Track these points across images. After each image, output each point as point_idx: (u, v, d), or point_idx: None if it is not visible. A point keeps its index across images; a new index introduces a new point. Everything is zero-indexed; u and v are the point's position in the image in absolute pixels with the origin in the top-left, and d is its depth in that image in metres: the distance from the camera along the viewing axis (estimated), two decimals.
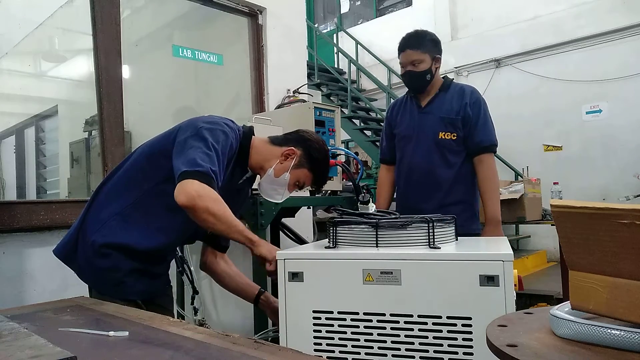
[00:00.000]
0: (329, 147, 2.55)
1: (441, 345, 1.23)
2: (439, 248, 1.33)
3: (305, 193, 2.72)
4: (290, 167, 1.60)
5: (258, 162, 1.62)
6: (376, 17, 9.98)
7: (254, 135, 1.65)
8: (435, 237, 1.35)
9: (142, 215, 1.49)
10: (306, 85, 3.57)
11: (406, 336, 1.26)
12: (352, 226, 1.43)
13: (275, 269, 1.44)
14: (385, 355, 1.28)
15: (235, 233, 1.45)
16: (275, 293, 1.48)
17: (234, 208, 1.71)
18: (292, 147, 1.61)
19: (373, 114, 8.51)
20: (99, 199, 1.55)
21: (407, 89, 2.62)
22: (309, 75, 7.51)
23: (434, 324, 1.24)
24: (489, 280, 1.21)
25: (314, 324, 1.35)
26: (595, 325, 0.66)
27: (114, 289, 1.45)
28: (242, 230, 1.47)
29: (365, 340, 1.30)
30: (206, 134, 1.42)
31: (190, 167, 1.34)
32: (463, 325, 1.22)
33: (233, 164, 1.57)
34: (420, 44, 2.50)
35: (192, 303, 2.63)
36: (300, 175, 1.63)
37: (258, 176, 1.69)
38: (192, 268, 2.62)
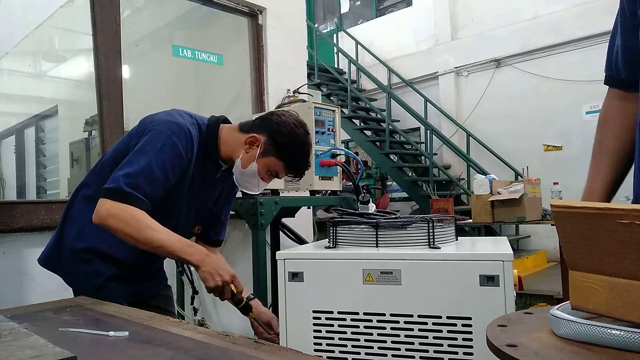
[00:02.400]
0: (329, 147, 2.56)
1: (441, 345, 1.23)
2: (439, 248, 1.33)
3: (305, 193, 2.72)
4: (256, 155, 1.45)
5: (227, 153, 1.51)
6: (376, 17, 9.99)
7: (223, 124, 1.54)
8: (435, 237, 1.35)
9: None
10: (306, 85, 3.57)
11: (406, 336, 1.26)
12: (352, 226, 1.43)
13: (230, 296, 1.36)
14: (385, 355, 1.28)
15: (164, 253, 1.35)
16: (275, 293, 1.47)
17: (219, 205, 1.68)
18: (255, 135, 1.46)
19: (373, 114, 8.52)
20: (76, 204, 1.51)
21: None
22: (309, 75, 7.51)
23: (434, 324, 1.24)
24: (489, 280, 1.21)
25: (314, 324, 1.35)
26: (595, 325, 0.66)
27: (97, 294, 1.39)
28: (174, 251, 1.32)
29: (365, 340, 1.30)
30: (148, 148, 1.34)
31: (112, 183, 1.30)
32: (463, 325, 1.22)
33: (201, 160, 1.48)
34: None
35: (192, 303, 2.63)
36: (270, 164, 1.47)
37: None
38: (192, 268, 2.61)
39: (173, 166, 1.37)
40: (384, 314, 1.28)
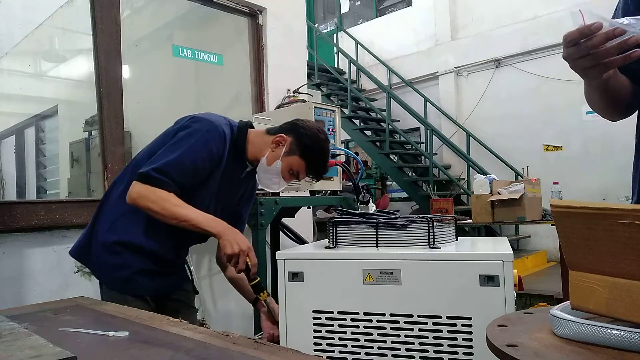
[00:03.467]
0: (329, 147, 2.56)
1: (441, 345, 1.23)
2: (439, 248, 1.33)
3: (305, 193, 2.72)
4: (281, 154, 1.59)
5: (253, 154, 1.63)
6: (376, 17, 9.98)
7: (251, 128, 1.67)
8: (435, 237, 1.35)
9: (147, 214, 1.51)
10: (306, 85, 3.57)
11: (406, 336, 1.26)
12: (352, 226, 1.43)
13: (244, 266, 1.47)
14: (385, 355, 1.28)
15: (190, 227, 1.47)
16: (275, 293, 1.48)
17: (241, 204, 1.79)
18: (282, 135, 1.60)
19: (373, 114, 8.52)
20: (109, 201, 1.61)
21: None
22: (309, 75, 7.51)
23: (434, 324, 1.24)
24: (489, 280, 1.21)
25: (314, 324, 1.35)
26: (595, 325, 0.66)
27: (124, 286, 1.52)
28: (198, 223, 1.46)
29: (365, 340, 1.30)
30: (183, 142, 1.48)
31: (145, 169, 1.45)
32: (463, 325, 1.22)
33: (231, 160, 1.59)
34: None
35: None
36: (293, 163, 1.60)
37: None
38: (192, 268, 2.62)
39: (203, 160, 1.49)
40: (384, 314, 1.28)
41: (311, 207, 3.47)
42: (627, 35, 0.85)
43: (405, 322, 1.26)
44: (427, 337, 1.25)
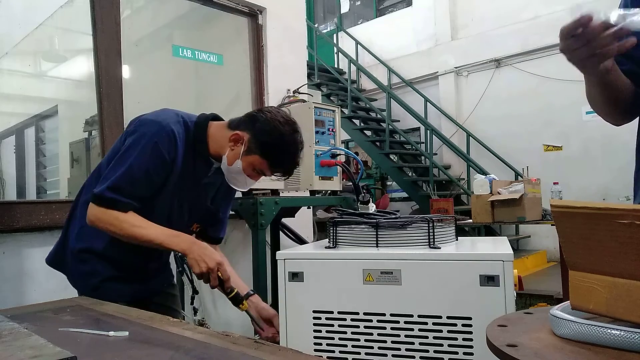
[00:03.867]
0: (329, 147, 2.56)
1: (441, 345, 1.23)
2: (439, 248, 1.33)
3: (305, 193, 2.72)
4: (240, 153, 1.46)
5: (216, 150, 1.51)
6: (376, 17, 9.98)
7: (213, 121, 1.55)
8: (435, 237, 1.35)
9: None
10: (306, 85, 3.57)
11: (406, 336, 1.26)
12: (352, 226, 1.43)
13: (216, 282, 1.38)
14: (386, 355, 1.28)
15: (154, 246, 1.40)
16: (275, 293, 1.47)
17: (217, 203, 1.68)
18: (238, 132, 1.47)
19: (373, 114, 8.52)
20: (78, 206, 1.55)
21: None
22: (309, 75, 7.51)
23: (434, 324, 1.24)
24: (489, 280, 1.21)
25: (314, 324, 1.34)
26: (595, 325, 0.66)
27: (93, 294, 1.42)
28: (160, 242, 1.39)
29: (366, 340, 1.30)
30: (131, 151, 1.39)
31: (97, 189, 1.39)
32: (463, 325, 1.22)
33: (191, 158, 1.49)
34: None
35: (192, 303, 2.63)
36: (254, 162, 1.47)
37: None
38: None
39: (155, 167, 1.41)
40: (384, 314, 1.28)
41: (311, 207, 3.48)
42: (627, 24, 0.86)
43: (406, 322, 1.26)
44: (427, 337, 1.25)
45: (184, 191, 1.52)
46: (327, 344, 1.33)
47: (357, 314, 1.30)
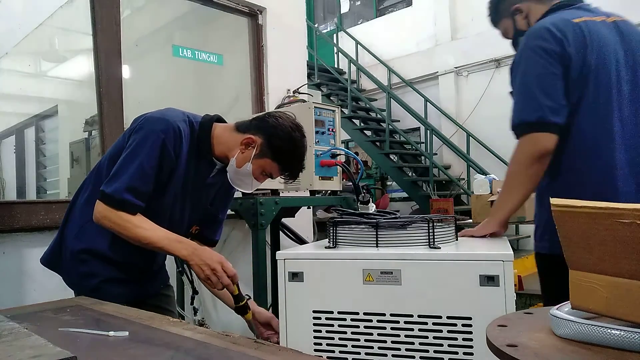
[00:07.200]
0: (329, 147, 2.56)
1: (441, 345, 1.23)
2: (439, 248, 1.33)
3: (305, 193, 2.72)
4: (251, 156, 1.48)
5: (222, 152, 1.53)
6: (376, 17, 9.98)
7: (217, 122, 1.56)
8: (435, 237, 1.35)
9: None
10: (306, 85, 3.57)
11: (406, 336, 1.26)
12: (352, 226, 1.43)
13: (225, 279, 1.39)
14: (386, 355, 1.28)
15: (155, 249, 1.42)
16: (275, 293, 1.47)
17: (216, 205, 1.69)
18: (251, 136, 1.48)
19: (373, 114, 8.52)
20: (76, 206, 1.54)
21: None
22: (309, 75, 7.51)
23: (434, 324, 1.24)
24: (489, 280, 1.20)
25: (314, 324, 1.34)
26: (595, 325, 0.66)
27: (92, 295, 1.42)
28: (162, 246, 1.40)
29: (365, 340, 1.30)
30: (139, 149, 1.39)
31: (107, 188, 1.38)
32: (463, 325, 1.22)
33: (194, 158, 1.50)
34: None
35: (192, 303, 2.63)
36: (265, 165, 1.50)
37: None
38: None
39: (163, 163, 1.42)
40: (384, 314, 1.28)
41: (311, 207, 3.47)
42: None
43: (405, 322, 1.26)
44: (427, 337, 1.24)
45: (187, 191, 1.53)
46: (327, 344, 1.33)
47: (357, 314, 1.30)
